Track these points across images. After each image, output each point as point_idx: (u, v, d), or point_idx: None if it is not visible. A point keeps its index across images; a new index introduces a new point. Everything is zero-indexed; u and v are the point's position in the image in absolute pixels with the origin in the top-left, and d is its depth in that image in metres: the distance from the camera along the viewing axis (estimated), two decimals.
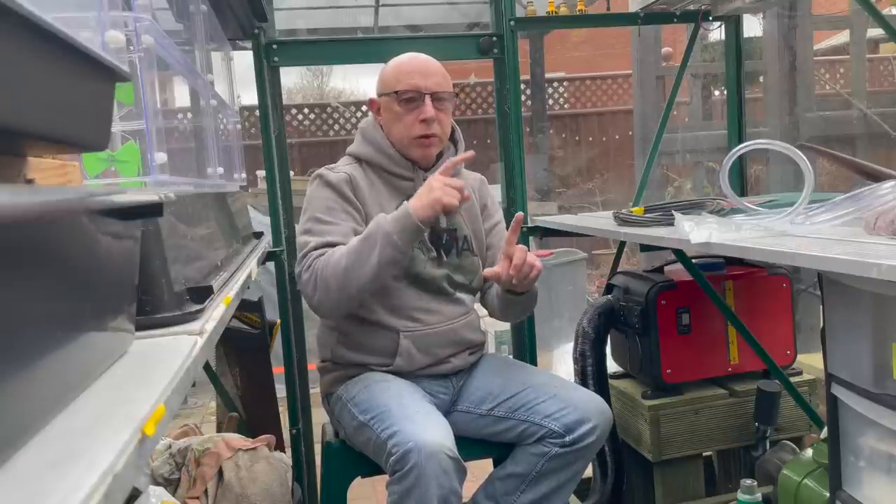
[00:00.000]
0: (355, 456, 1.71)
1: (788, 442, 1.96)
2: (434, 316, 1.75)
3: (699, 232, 1.34)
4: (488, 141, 7.55)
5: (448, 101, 1.75)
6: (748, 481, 1.71)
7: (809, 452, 1.69)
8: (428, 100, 1.71)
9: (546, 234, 2.31)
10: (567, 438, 1.63)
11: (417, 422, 1.51)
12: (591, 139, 9.04)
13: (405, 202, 1.59)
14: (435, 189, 1.55)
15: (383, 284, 1.65)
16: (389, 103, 1.74)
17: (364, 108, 8.92)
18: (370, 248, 1.55)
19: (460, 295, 1.81)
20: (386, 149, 1.76)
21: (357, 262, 1.56)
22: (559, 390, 1.72)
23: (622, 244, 2.54)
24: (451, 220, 1.80)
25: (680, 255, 2.02)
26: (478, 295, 1.90)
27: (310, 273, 1.61)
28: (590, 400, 1.71)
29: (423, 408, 1.59)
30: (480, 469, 1.75)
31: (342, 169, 1.75)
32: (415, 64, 1.74)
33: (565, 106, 9.37)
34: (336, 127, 8.71)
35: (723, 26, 2.50)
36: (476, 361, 1.86)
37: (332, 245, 1.63)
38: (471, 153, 1.69)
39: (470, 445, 1.65)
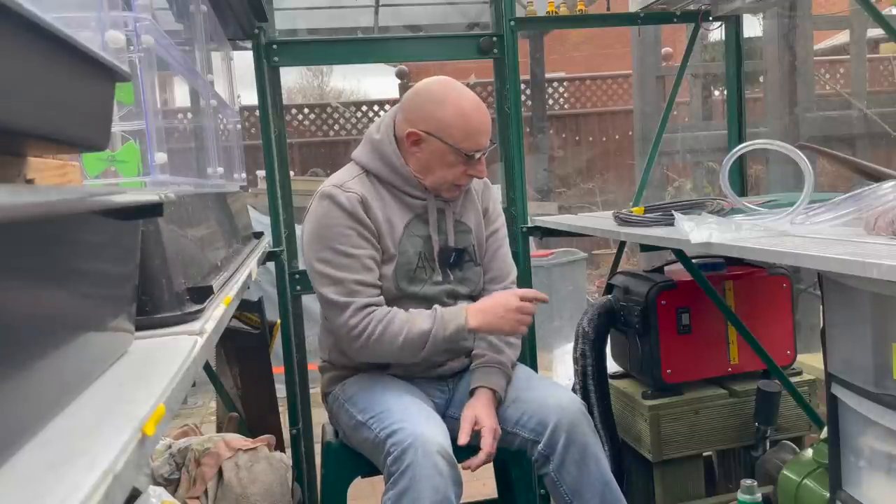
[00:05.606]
0: (355, 456, 1.71)
1: (788, 442, 1.96)
2: None
3: (699, 232, 1.34)
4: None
5: None
6: (748, 481, 1.71)
7: (809, 452, 1.69)
8: (483, 158, 1.69)
9: (546, 234, 2.31)
10: (540, 446, 1.63)
11: (418, 423, 1.51)
12: (591, 139, 9.04)
13: (466, 308, 1.65)
14: (507, 319, 1.63)
15: None
16: (443, 151, 1.66)
17: (364, 107, 8.94)
18: (422, 344, 1.63)
19: (461, 303, 1.80)
20: (400, 170, 1.70)
21: (406, 352, 1.64)
22: (520, 392, 1.72)
23: (622, 244, 2.53)
24: (461, 238, 1.79)
25: (680, 255, 2.02)
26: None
27: (361, 331, 1.62)
28: (549, 396, 1.69)
29: (424, 409, 1.59)
30: (477, 475, 1.74)
31: (352, 188, 1.68)
32: (482, 123, 1.67)
33: (565, 106, 9.37)
34: (336, 127, 8.70)
35: (723, 26, 2.50)
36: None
37: (367, 284, 1.64)
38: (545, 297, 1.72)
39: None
